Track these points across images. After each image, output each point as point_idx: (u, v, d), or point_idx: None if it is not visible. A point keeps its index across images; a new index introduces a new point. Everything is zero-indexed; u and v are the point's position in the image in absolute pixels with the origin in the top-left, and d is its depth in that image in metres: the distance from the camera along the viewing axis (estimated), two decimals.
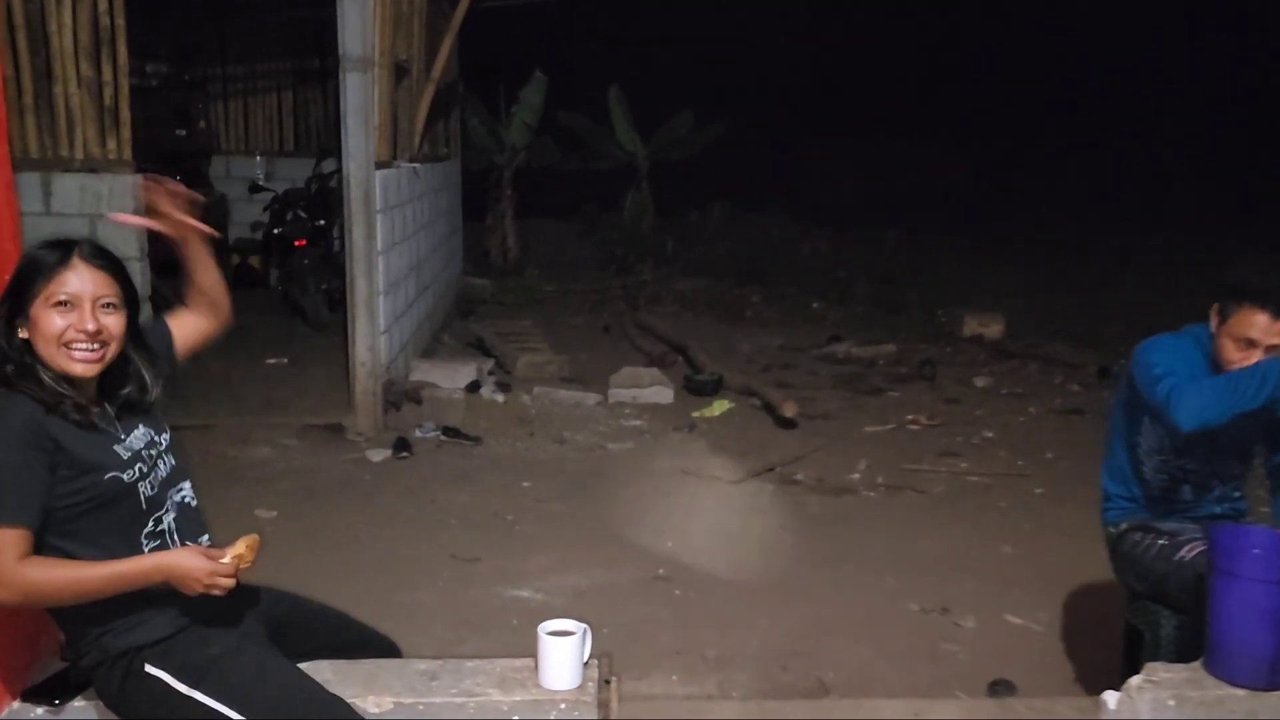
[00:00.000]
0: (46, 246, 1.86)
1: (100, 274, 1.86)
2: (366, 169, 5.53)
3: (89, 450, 1.84)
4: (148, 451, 1.93)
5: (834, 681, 3.25)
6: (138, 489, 1.89)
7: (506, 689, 2.00)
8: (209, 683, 1.83)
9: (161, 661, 1.84)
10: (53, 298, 1.82)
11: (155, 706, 1.84)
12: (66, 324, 1.82)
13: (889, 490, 5.13)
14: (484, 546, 4.23)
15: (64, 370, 1.84)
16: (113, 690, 1.86)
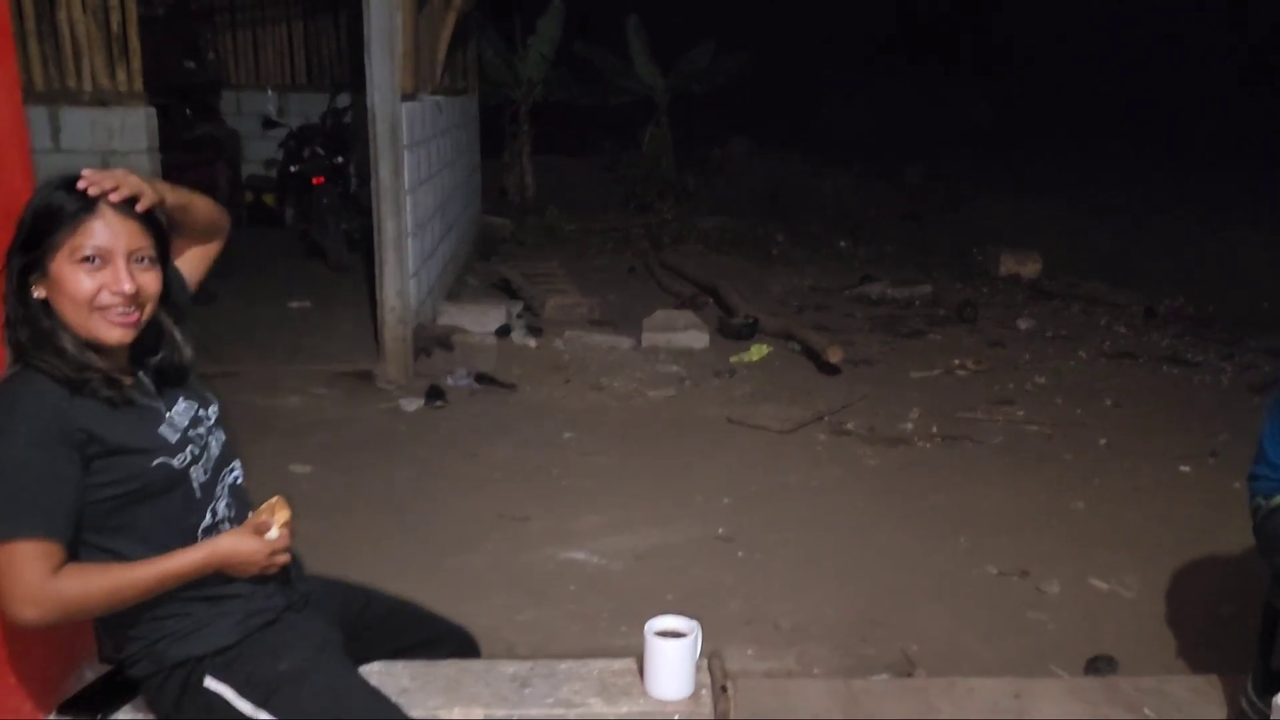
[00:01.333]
0: (63, 188, 1.54)
1: (132, 223, 1.57)
2: (392, 101, 5.21)
3: (129, 434, 1.58)
4: (195, 430, 1.68)
5: (919, 655, 3.05)
6: (190, 475, 1.64)
7: (610, 699, 1.77)
8: (277, 703, 1.60)
9: (224, 674, 1.61)
10: (79, 252, 1.53)
11: None
12: (98, 284, 1.54)
13: (945, 440, 4.90)
14: (532, 504, 4.01)
15: (95, 337, 1.56)
16: (167, 704, 1.64)
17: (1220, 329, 7.04)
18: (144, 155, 5.06)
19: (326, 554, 3.13)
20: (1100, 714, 2.64)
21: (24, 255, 1.53)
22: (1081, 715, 2.64)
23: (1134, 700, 2.70)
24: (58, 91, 5.01)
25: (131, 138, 5.06)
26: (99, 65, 5.06)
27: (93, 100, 5.05)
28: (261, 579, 1.68)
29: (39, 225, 1.53)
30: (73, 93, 5.04)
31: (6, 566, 1.46)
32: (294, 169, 7.97)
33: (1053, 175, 13.41)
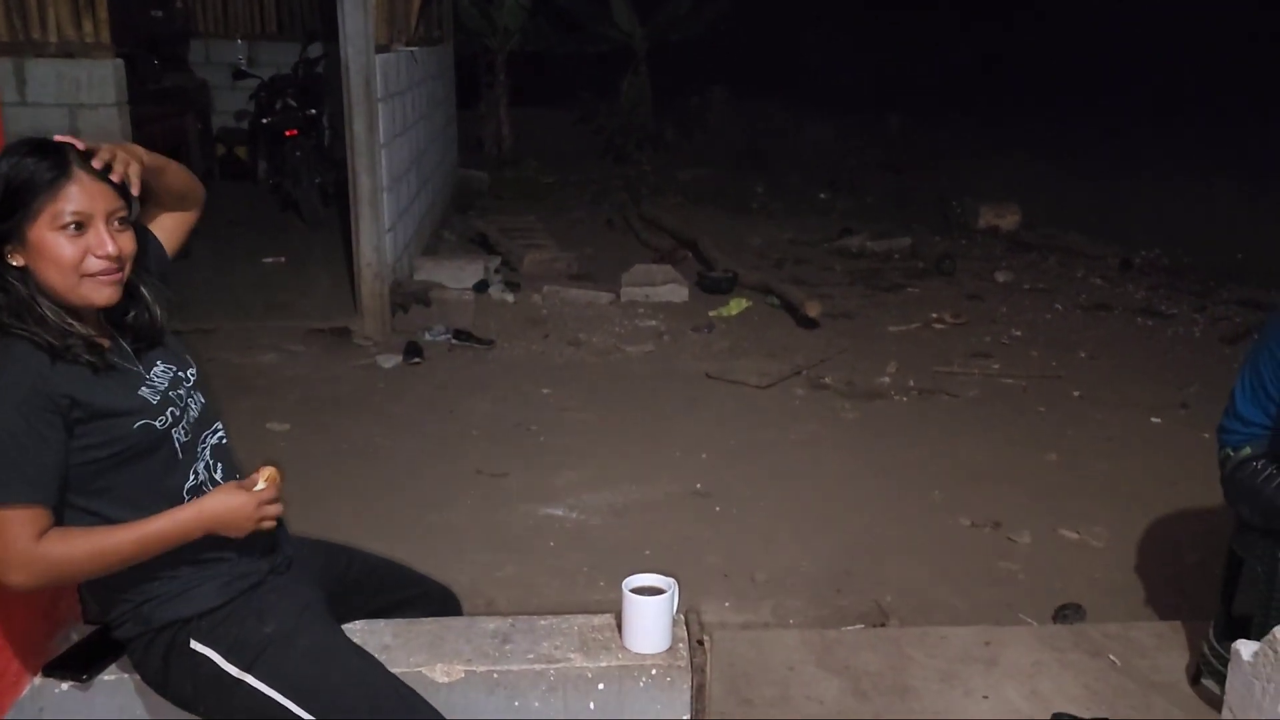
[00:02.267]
0: (30, 153, 1.52)
1: (105, 185, 1.55)
2: (366, 53, 5.13)
3: (111, 397, 1.57)
4: (174, 391, 1.68)
5: (892, 605, 3.10)
6: (171, 436, 1.64)
7: (589, 653, 1.80)
8: (262, 666, 1.61)
9: (209, 638, 1.62)
10: (60, 218, 1.51)
11: (201, 687, 1.63)
12: (82, 249, 1.53)
13: (921, 394, 4.94)
14: (510, 460, 4.03)
15: (85, 301, 1.56)
16: (153, 665, 1.65)
17: (1195, 280, 7.10)
18: (113, 109, 4.98)
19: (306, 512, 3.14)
20: (1067, 660, 2.72)
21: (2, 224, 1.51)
22: (1049, 661, 2.71)
23: (1100, 646, 2.77)
24: (22, 43, 4.90)
25: (99, 90, 4.97)
26: (64, 15, 4.95)
27: (59, 51, 4.95)
28: (248, 543, 1.69)
29: (12, 193, 1.51)
30: (38, 44, 4.94)
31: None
32: (266, 121, 7.85)
33: (1033, 126, 13.39)
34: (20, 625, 1.68)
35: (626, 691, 1.79)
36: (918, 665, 2.68)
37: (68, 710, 1.73)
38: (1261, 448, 2.32)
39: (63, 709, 1.73)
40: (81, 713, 1.74)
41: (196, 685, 1.63)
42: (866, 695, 2.56)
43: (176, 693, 1.66)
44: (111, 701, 1.74)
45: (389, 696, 1.62)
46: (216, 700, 1.63)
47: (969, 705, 2.52)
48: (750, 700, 2.54)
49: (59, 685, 1.73)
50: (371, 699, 1.61)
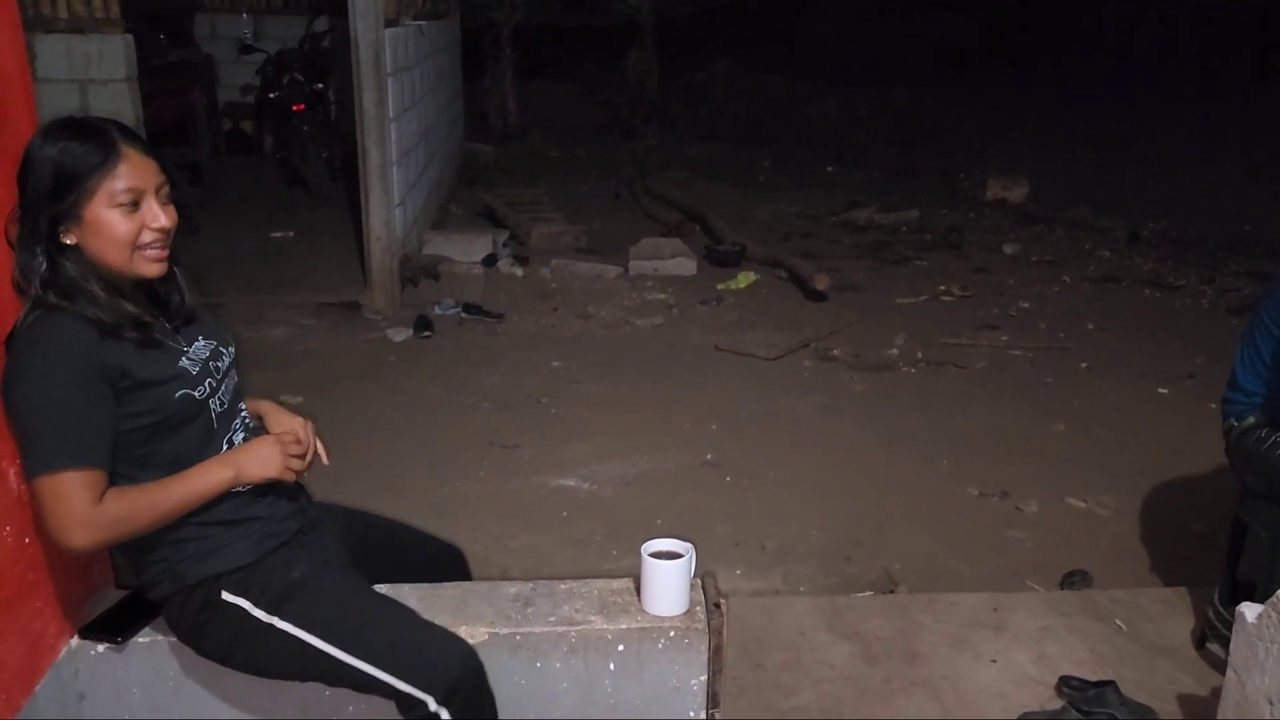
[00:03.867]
0: (74, 136, 1.55)
1: (152, 160, 1.61)
2: (376, 27, 5.13)
3: (155, 367, 1.62)
4: (214, 364, 1.73)
5: (901, 573, 3.14)
6: (209, 406, 1.69)
7: (610, 616, 1.84)
8: (290, 609, 1.67)
9: (240, 589, 1.68)
10: (116, 196, 1.56)
11: (235, 637, 1.68)
12: (137, 224, 1.58)
13: (930, 366, 4.97)
14: (521, 432, 4.07)
15: (136, 274, 1.61)
16: (187, 622, 1.70)
17: (1203, 252, 7.10)
18: (123, 84, 5.00)
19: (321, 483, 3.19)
20: (1074, 625, 2.76)
21: (54, 206, 1.55)
22: (1056, 626, 2.75)
23: (1107, 611, 2.82)
24: (32, 18, 4.91)
25: (110, 66, 4.99)
26: None
27: (69, 27, 4.97)
28: (277, 504, 1.75)
29: (65, 177, 1.54)
30: (48, 19, 4.95)
31: (56, 496, 1.51)
32: (273, 96, 7.86)
33: (1042, 98, 13.33)
34: (56, 589, 1.73)
35: (645, 653, 1.83)
36: (927, 631, 2.73)
37: (103, 671, 1.78)
38: (1264, 416, 2.35)
39: (99, 670, 1.78)
40: (117, 673, 1.79)
41: (231, 634, 1.68)
42: (876, 659, 2.61)
43: (211, 645, 1.71)
44: (146, 662, 1.79)
45: (422, 634, 1.68)
46: (249, 647, 1.69)
47: (977, 669, 2.57)
48: (762, 664, 2.58)
49: (95, 647, 1.77)
50: (404, 635, 1.67)
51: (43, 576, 1.69)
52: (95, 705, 1.78)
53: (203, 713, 1.80)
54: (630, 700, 1.85)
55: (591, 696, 1.84)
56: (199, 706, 1.80)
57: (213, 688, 1.80)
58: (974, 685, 2.51)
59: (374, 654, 1.64)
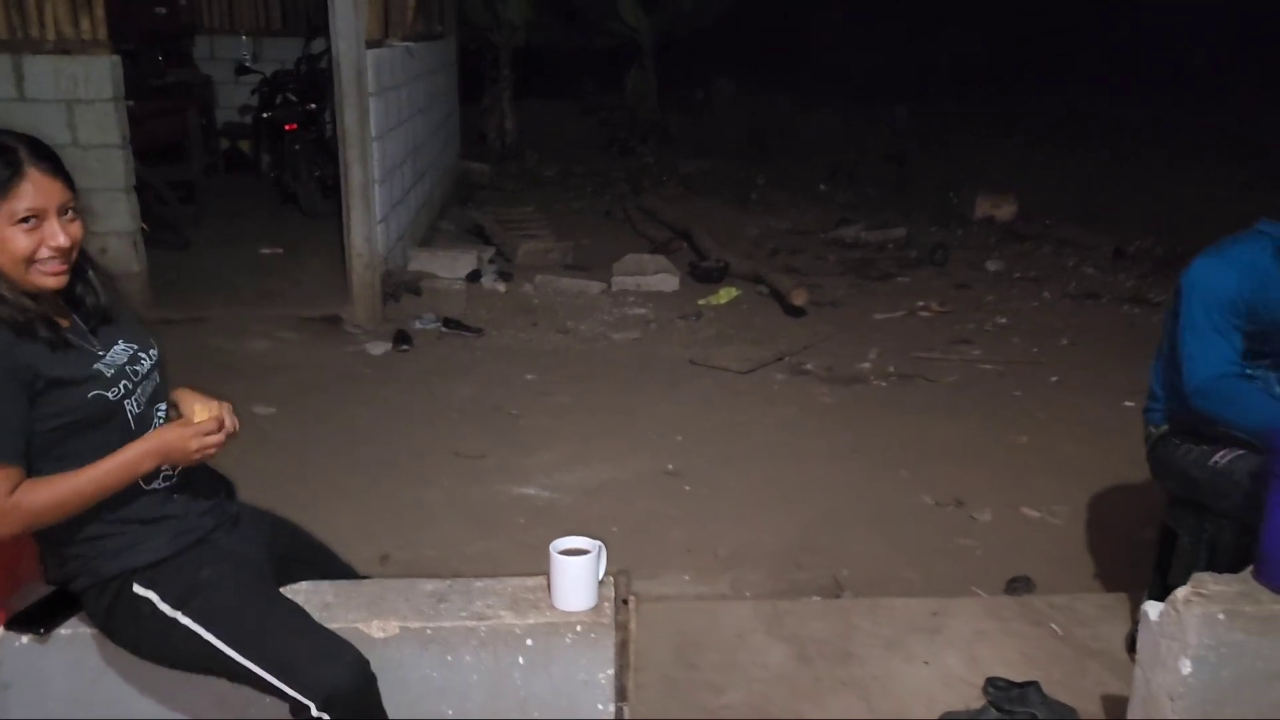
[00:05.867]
0: None
1: (56, 181, 1.68)
2: (357, 48, 5.24)
3: (68, 369, 1.69)
4: (131, 368, 1.80)
5: (849, 579, 3.19)
6: (124, 407, 1.75)
7: (519, 611, 1.90)
8: (193, 606, 1.73)
9: (150, 583, 1.74)
10: (15, 215, 1.63)
11: (143, 629, 1.75)
12: (35, 241, 1.65)
13: (900, 379, 5.02)
14: (488, 442, 4.13)
15: (34, 286, 1.68)
16: (102, 613, 1.77)
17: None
18: (109, 104, 5.11)
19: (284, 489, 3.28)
20: (1010, 629, 2.80)
21: None
22: (992, 630, 2.79)
23: (1044, 616, 2.86)
24: (20, 40, 5.03)
25: (96, 86, 5.10)
26: (62, 12, 5.08)
27: (56, 49, 5.08)
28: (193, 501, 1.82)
29: None
30: (35, 41, 5.07)
31: None
32: (267, 115, 7.99)
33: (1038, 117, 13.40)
34: None
35: (553, 647, 1.89)
36: (863, 634, 2.77)
37: (27, 662, 1.84)
38: (1173, 422, 2.40)
39: (22, 660, 1.84)
40: (40, 664, 1.85)
41: (138, 626, 1.75)
42: (810, 660, 2.65)
43: (122, 636, 1.78)
44: (68, 653, 1.85)
45: (312, 641, 1.73)
46: (155, 639, 1.75)
47: (909, 670, 2.61)
48: (695, 665, 2.63)
49: (19, 639, 1.84)
50: (294, 642, 1.72)
51: None
52: (19, 694, 1.85)
53: (121, 703, 1.86)
54: (540, 694, 1.90)
55: (501, 690, 1.90)
56: (117, 697, 1.86)
57: (130, 679, 1.86)
58: (903, 686, 2.55)
59: (264, 657, 1.70)
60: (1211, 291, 2.28)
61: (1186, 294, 2.33)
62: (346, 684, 1.70)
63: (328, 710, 1.68)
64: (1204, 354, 2.25)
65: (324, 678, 1.69)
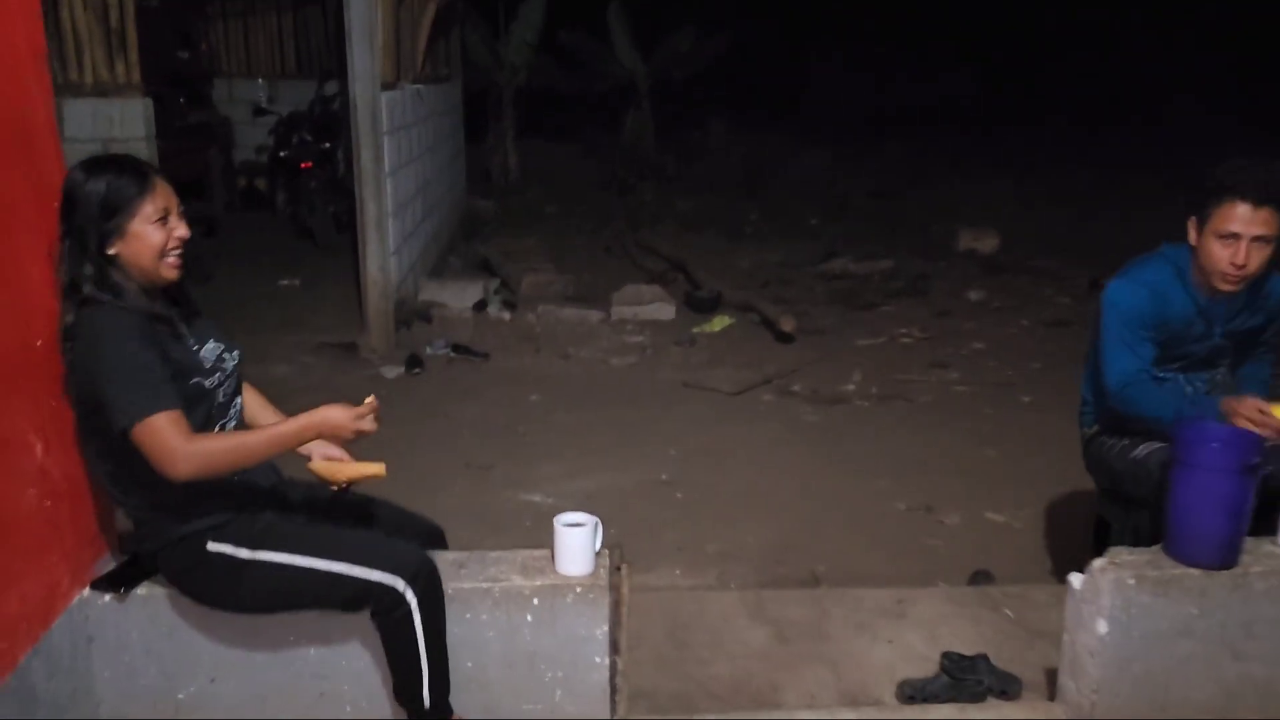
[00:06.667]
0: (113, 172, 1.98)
1: (169, 186, 2.06)
2: (373, 90, 5.62)
3: (180, 355, 2.04)
4: (221, 364, 2.13)
5: (825, 573, 3.50)
6: (214, 395, 2.09)
7: (527, 575, 2.22)
8: (267, 543, 2.06)
9: (221, 537, 2.06)
10: (154, 215, 1.99)
11: (219, 579, 2.06)
12: (166, 235, 2.01)
13: (880, 400, 5.35)
14: (496, 455, 4.45)
15: (163, 278, 2.04)
16: (178, 569, 2.09)
17: None
18: (142, 143, 5.49)
19: None
20: (968, 614, 3.11)
21: (102, 225, 1.98)
22: (952, 615, 3.10)
23: (999, 602, 3.17)
24: (61, 84, 5.41)
25: (130, 126, 5.48)
26: (99, 58, 5.48)
27: (94, 91, 5.48)
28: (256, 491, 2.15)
29: (111, 202, 1.98)
30: (75, 84, 5.46)
31: (154, 436, 1.89)
32: (283, 154, 8.40)
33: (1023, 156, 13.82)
34: (70, 548, 2.12)
35: (557, 606, 2.20)
36: (836, 618, 3.08)
37: (108, 618, 2.16)
38: (1101, 423, 2.74)
39: (104, 617, 2.16)
40: (120, 620, 2.16)
41: (215, 578, 2.07)
42: (787, 640, 2.96)
43: (200, 590, 2.10)
44: (144, 611, 2.17)
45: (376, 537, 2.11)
46: (233, 587, 2.07)
47: (875, 648, 2.92)
48: (686, 644, 2.94)
49: (102, 598, 2.15)
50: (366, 538, 2.09)
51: (60, 535, 2.08)
52: (101, 647, 2.16)
53: (192, 654, 2.18)
54: (545, 647, 2.22)
55: (514, 643, 2.21)
56: (190, 648, 2.18)
57: (202, 631, 2.18)
58: (868, 660, 2.86)
59: (344, 555, 2.03)
60: (1124, 309, 2.62)
61: (1105, 311, 2.67)
62: (425, 560, 2.05)
63: (412, 584, 2.01)
64: (1120, 361, 2.59)
65: (404, 555, 2.04)
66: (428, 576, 2.08)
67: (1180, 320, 2.60)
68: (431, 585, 2.08)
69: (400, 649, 2.09)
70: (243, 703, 2.19)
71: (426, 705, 2.11)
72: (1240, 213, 2.48)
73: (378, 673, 2.20)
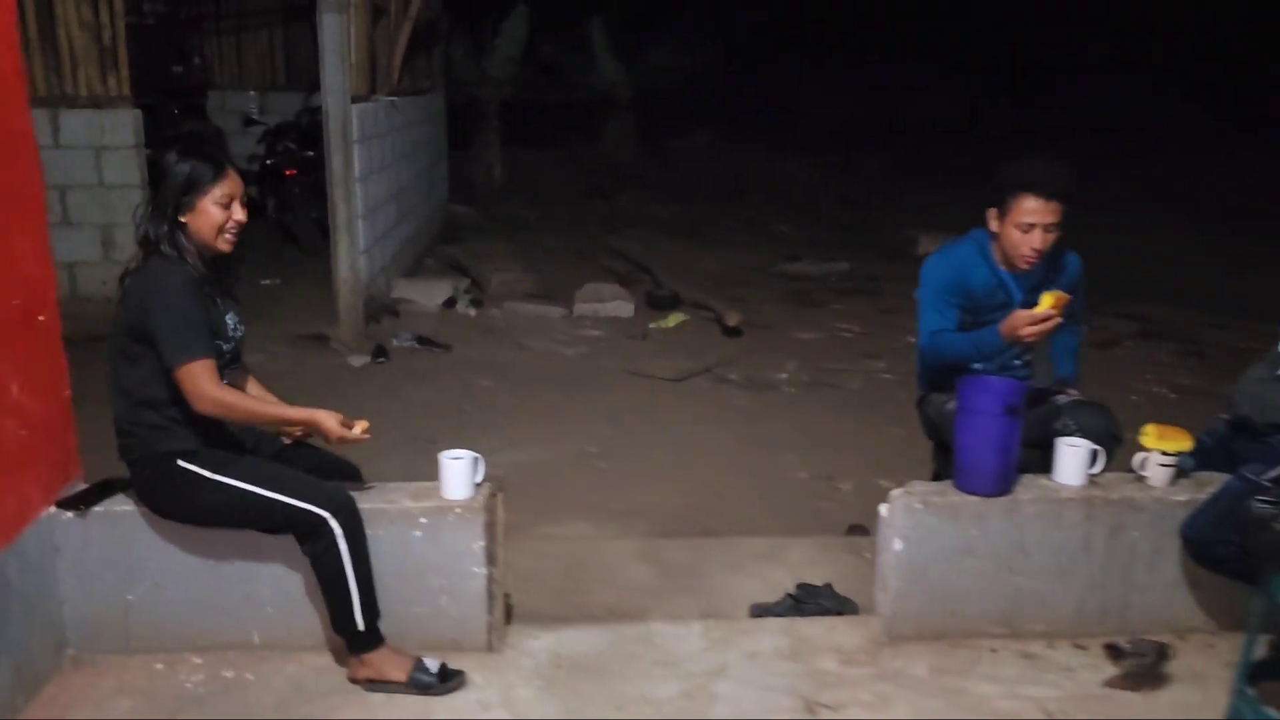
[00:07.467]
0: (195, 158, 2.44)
1: (239, 178, 2.53)
2: (343, 103, 6.10)
3: (214, 317, 2.50)
4: (233, 334, 2.60)
5: (720, 530, 3.94)
6: (225, 355, 2.55)
7: (417, 499, 2.68)
8: (228, 470, 2.50)
9: (192, 459, 2.50)
10: (221, 198, 2.47)
11: (184, 491, 2.49)
12: (226, 217, 2.49)
13: (809, 386, 5.80)
14: (441, 431, 4.89)
15: (216, 249, 2.50)
16: (147, 479, 2.53)
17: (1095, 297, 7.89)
18: (131, 150, 5.99)
19: None
20: (832, 558, 3.55)
21: (181, 197, 2.43)
22: (819, 559, 3.54)
23: (862, 549, 3.60)
24: (57, 96, 5.92)
25: (120, 135, 5.98)
26: (93, 74, 5.98)
27: (88, 103, 5.97)
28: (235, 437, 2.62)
29: (192, 181, 2.43)
30: (70, 97, 5.96)
31: (194, 379, 2.37)
32: (270, 162, 8.88)
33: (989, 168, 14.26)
34: (42, 471, 2.58)
35: (440, 524, 2.66)
36: (714, 561, 3.53)
37: (72, 531, 2.61)
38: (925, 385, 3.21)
39: (69, 530, 2.61)
40: (80, 533, 2.62)
41: (179, 491, 2.50)
42: (666, 576, 3.41)
43: (162, 501, 2.54)
44: (101, 526, 2.62)
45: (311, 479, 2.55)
46: (194, 500, 2.50)
47: (741, 582, 3.36)
48: (578, 579, 3.39)
49: (66, 514, 2.61)
50: (304, 479, 2.54)
51: (33, 460, 2.54)
52: (66, 554, 2.62)
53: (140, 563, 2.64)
54: (432, 559, 2.67)
55: (405, 556, 2.66)
56: (138, 558, 2.63)
57: (148, 545, 2.63)
58: (733, 591, 3.30)
59: (284, 489, 2.49)
60: (934, 279, 3.08)
61: (921, 282, 3.12)
62: (346, 498, 2.52)
63: (337, 516, 2.47)
64: (930, 323, 3.05)
65: (332, 493, 2.51)
66: (350, 512, 2.53)
67: (983, 290, 3.06)
68: (354, 519, 2.53)
69: (331, 576, 2.52)
70: (182, 602, 2.65)
71: (360, 628, 2.55)
72: (1033, 206, 2.93)
73: (292, 580, 2.66)
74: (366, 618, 2.54)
